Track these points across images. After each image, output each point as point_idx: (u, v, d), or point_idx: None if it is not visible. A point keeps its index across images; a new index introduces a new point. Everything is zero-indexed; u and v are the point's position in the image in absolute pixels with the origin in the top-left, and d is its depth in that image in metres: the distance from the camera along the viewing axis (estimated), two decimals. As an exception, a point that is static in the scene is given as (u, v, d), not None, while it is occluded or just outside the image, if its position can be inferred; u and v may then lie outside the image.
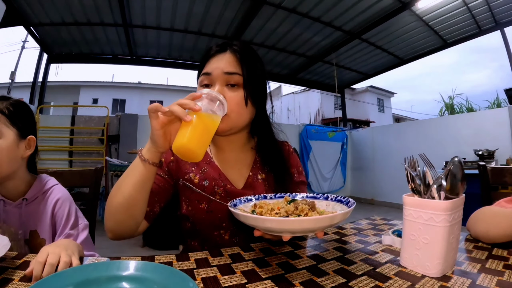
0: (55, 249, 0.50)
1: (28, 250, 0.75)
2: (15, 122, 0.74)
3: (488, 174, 1.07)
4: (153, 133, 0.57)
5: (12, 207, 0.74)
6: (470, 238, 0.71)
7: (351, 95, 14.63)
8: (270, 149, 0.82)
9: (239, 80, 0.71)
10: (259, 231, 0.49)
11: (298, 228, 0.44)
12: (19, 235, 0.74)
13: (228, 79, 0.71)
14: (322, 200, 0.61)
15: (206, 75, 0.72)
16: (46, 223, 0.75)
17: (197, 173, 0.76)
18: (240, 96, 0.71)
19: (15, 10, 3.86)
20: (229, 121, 0.70)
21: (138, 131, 4.75)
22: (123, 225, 0.64)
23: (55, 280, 0.38)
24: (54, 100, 11.98)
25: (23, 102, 0.81)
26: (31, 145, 0.78)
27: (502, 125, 4.01)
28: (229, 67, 0.71)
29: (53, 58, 5.18)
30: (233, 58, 0.73)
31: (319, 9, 4.18)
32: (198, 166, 0.78)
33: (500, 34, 4.44)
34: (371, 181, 6.05)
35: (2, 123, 0.71)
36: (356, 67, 6.28)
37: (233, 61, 0.73)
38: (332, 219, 0.44)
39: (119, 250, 2.90)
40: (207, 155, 0.81)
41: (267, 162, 0.81)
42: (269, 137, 0.83)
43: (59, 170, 1.02)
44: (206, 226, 0.74)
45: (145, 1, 3.98)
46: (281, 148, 0.85)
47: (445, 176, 0.53)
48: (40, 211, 0.76)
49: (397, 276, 0.49)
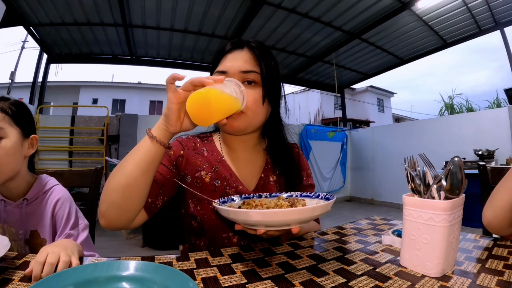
0: (55, 249, 0.50)
1: (28, 250, 0.75)
2: (18, 121, 0.74)
3: (488, 174, 1.07)
4: (168, 107, 0.54)
5: (12, 207, 0.75)
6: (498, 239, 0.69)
7: (351, 95, 14.64)
8: (281, 151, 0.81)
9: (257, 78, 0.70)
10: (239, 225, 0.51)
11: (269, 220, 0.45)
12: (20, 235, 0.74)
13: (245, 77, 0.69)
14: (314, 198, 0.61)
15: (221, 73, 0.69)
16: (47, 223, 0.76)
17: (209, 172, 0.74)
18: (257, 94, 0.70)
19: (15, 10, 3.86)
20: (245, 119, 0.69)
21: (138, 131, 4.75)
22: (119, 210, 0.58)
23: (55, 280, 0.38)
24: (54, 100, 11.99)
25: (23, 102, 0.82)
26: (33, 144, 0.79)
27: (502, 125, 4.01)
28: (246, 65, 0.70)
29: (53, 58, 5.18)
30: (250, 55, 0.71)
31: (319, 9, 4.17)
32: (209, 164, 0.76)
33: (500, 34, 4.44)
34: (371, 181, 6.05)
35: (6, 123, 0.72)
36: (356, 67, 6.28)
37: (250, 59, 0.71)
38: (300, 212, 0.45)
39: (119, 250, 2.90)
40: (218, 153, 0.79)
41: (278, 164, 0.80)
42: (280, 139, 0.82)
43: (59, 170, 1.02)
44: (215, 227, 0.72)
45: (145, 1, 3.98)
46: (292, 151, 0.85)
47: (445, 176, 0.53)
48: (40, 211, 0.76)
49: (397, 276, 0.49)
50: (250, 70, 0.69)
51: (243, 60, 0.70)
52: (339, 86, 6.38)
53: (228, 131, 0.74)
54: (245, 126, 0.70)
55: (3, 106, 0.72)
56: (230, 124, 0.68)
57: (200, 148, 0.79)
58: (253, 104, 0.69)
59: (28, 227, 0.75)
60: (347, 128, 7.19)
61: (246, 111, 0.67)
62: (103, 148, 4.56)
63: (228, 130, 0.72)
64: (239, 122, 0.68)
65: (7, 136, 0.71)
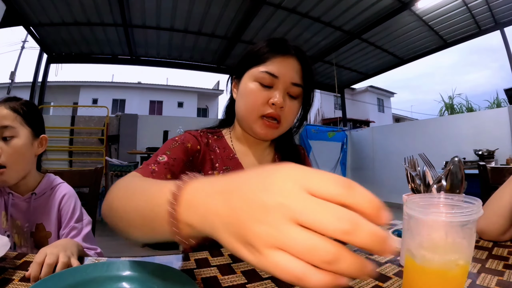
0: (53, 250, 0.50)
1: (33, 242, 0.77)
2: (29, 121, 0.76)
3: (488, 174, 1.07)
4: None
5: (20, 201, 0.77)
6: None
7: (351, 95, 14.63)
8: (289, 153, 0.83)
9: (299, 92, 0.72)
10: None
11: None
12: (25, 228, 0.76)
13: (291, 89, 0.70)
14: None
15: (272, 76, 0.68)
16: (53, 216, 0.78)
17: (221, 170, 0.74)
18: (297, 108, 0.73)
19: (15, 10, 3.87)
20: (280, 130, 0.72)
21: (138, 131, 4.75)
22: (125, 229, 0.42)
23: (54, 280, 0.38)
24: (54, 100, 11.98)
25: (33, 102, 0.84)
26: (42, 144, 0.81)
27: (502, 125, 4.00)
28: (296, 78, 0.71)
29: (53, 58, 5.18)
30: (299, 67, 0.72)
31: (319, 9, 4.18)
32: (221, 161, 0.75)
33: (500, 34, 4.44)
34: (371, 181, 6.05)
35: (18, 123, 0.74)
36: (356, 67, 6.28)
37: (299, 71, 0.72)
38: None
39: (119, 250, 2.90)
40: (230, 150, 0.78)
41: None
42: (289, 141, 0.84)
43: (59, 170, 1.02)
44: None
45: (145, 1, 3.98)
46: (299, 152, 0.86)
47: (445, 176, 0.53)
48: (47, 205, 0.79)
49: (397, 276, 0.49)
50: (298, 84, 0.71)
51: (294, 70, 0.71)
52: (339, 86, 6.38)
53: (261, 138, 0.75)
54: (278, 135, 0.74)
55: (15, 106, 0.74)
56: (265, 133, 0.70)
57: (213, 145, 0.78)
58: (291, 117, 0.72)
59: (35, 220, 0.77)
60: (347, 128, 7.19)
61: (283, 123, 0.71)
62: (103, 148, 4.56)
63: (262, 138, 0.74)
64: (275, 134, 0.71)
65: (18, 136, 0.73)
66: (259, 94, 0.68)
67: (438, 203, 0.37)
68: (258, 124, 0.70)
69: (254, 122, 0.70)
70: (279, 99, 0.67)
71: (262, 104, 0.68)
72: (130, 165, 3.77)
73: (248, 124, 0.72)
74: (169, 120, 5.13)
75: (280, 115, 0.69)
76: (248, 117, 0.71)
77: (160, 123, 4.67)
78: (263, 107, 0.69)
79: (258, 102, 0.68)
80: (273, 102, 0.67)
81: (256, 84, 0.69)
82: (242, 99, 0.72)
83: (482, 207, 0.33)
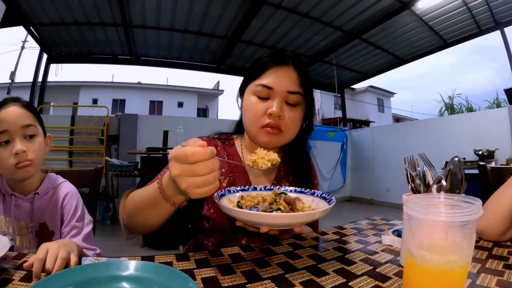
0: (54, 245, 0.51)
1: (37, 241, 0.78)
2: (40, 121, 0.80)
3: (488, 174, 1.07)
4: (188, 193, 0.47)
5: (23, 202, 0.78)
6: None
7: (351, 95, 14.63)
8: (301, 164, 0.84)
9: (299, 100, 0.73)
10: (240, 222, 0.53)
11: (275, 222, 0.49)
12: (30, 227, 0.77)
13: (289, 97, 0.72)
14: (309, 195, 0.64)
15: (267, 88, 0.71)
16: (55, 215, 0.79)
17: (227, 176, 0.77)
18: (298, 116, 0.74)
19: (15, 10, 3.86)
20: (283, 138, 0.74)
21: (138, 131, 4.75)
22: (140, 229, 0.65)
23: (55, 280, 0.38)
24: (54, 100, 11.99)
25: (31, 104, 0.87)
26: (48, 142, 0.84)
27: (502, 125, 4.00)
28: (293, 86, 0.72)
29: (53, 58, 5.18)
30: (295, 75, 0.73)
31: (319, 9, 4.18)
32: (228, 168, 0.78)
33: (500, 34, 4.44)
34: (371, 181, 6.05)
35: (36, 121, 0.77)
36: (356, 67, 6.28)
37: (295, 79, 0.73)
38: (307, 216, 0.49)
39: (119, 250, 2.90)
40: (239, 158, 0.82)
41: (295, 174, 0.83)
42: (302, 152, 0.85)
43: (59, 170, 1.02)
44: (227, 230, 0.74)
45: (145, 1, 3.98)
46: (309, 162, 0.88)
47: (445, 176, 0.53)
48: (50, 205, 0.80)
49: (397, 276, 0.49)
50: (296, 92, 0.72)
51: (290, 79, 0.73)
52: (339, 86, 6.38)
53: (265, 147, 0.75)
54: (282, 144, 0.76)
55: (27, 106, 0.77)
56: (268, 141, 0.72)
57: (221, 152, 0.81)
58: (293, 125, 0.73)
59: (38, 219, 0.78)
60: (347, 128, 7.20)
61: (285, 131, 0.72)
62: (103, 148, 4.56)
63: (266, 146, 0.74)
64: (278, 141, 0.73)
65: (39, 134, 0.78)
66: (257, 107, 0.73)
67: (438, 203, 0.37)
68: (260, 133, 0.73)
69: (257, 133, 0.74)
70: (276, 109, 0.70)
71: (261, 115, 0.72)
72: (130, 165, 3.76)
73: (252, 135, 0.76)
74: (169, 120, 5.12)
75: (279, 124, 0.72)
76: (251, 129, 0.75)
77: (160, 123, 4.67)
78: (262, 118, 0.72)
79: (257, 114, 0.73)
80: (270, 112, 0.71)
81: (254, 97, 0.74)
82: (245, 113, 0.78)
83: (482, 208, 0.33)
